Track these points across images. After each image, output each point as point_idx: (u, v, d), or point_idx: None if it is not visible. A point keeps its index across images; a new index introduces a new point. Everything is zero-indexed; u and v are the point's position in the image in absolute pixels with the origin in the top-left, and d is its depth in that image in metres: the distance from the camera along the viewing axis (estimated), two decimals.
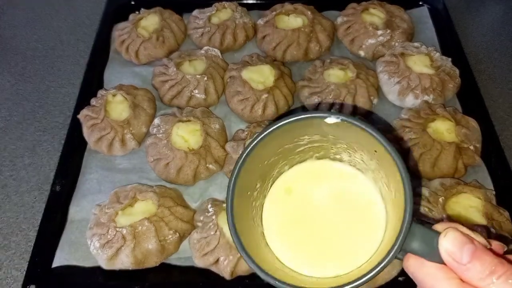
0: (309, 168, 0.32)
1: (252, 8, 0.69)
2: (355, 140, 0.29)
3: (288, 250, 0.28)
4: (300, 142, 0.30)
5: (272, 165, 0.30)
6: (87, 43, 0.71)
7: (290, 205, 0.30)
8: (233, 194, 0.27)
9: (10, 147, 0.59)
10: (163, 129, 0.52)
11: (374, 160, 0.28)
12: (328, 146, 0.31)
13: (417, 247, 0.23)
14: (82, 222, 0.47)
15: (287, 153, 0.30)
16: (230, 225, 0.26)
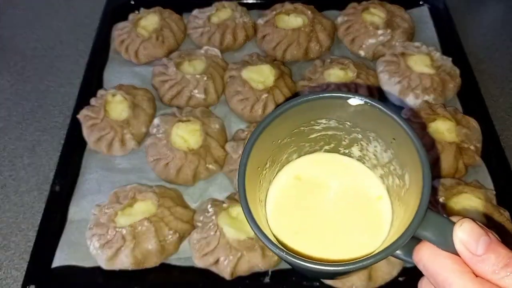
0: (318, 159, 0.32)
1: (252, 7, 0.68)
2: (373, 128, 0.28)
3: (290, 236, 0.28)
4: (315, 126, 0.29)
5: (283, 147, 0.30)
6: (86, 43, 0.71)
7: (298, 192, 0.30)
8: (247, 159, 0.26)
9: (10, 147, 0.59)
10: (163, 129, 0.51)
11: (389, 151, 0.28)
12: (342, 136, 0.30)
13: (431, 234, 0.23)
14: (81, 222, 0.47)
15: (300, 137, 0.30)
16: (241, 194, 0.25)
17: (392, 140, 0.27)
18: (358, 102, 0.27)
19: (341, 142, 0.31)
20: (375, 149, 0.30)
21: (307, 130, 0.30)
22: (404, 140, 0.26)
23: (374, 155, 0.30)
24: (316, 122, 0.29)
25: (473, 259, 0.22)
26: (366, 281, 0.41)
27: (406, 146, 0.25)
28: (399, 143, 0.27)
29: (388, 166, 0.29)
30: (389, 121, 0.26)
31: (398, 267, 0.42)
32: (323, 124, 0.29)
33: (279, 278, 0.44)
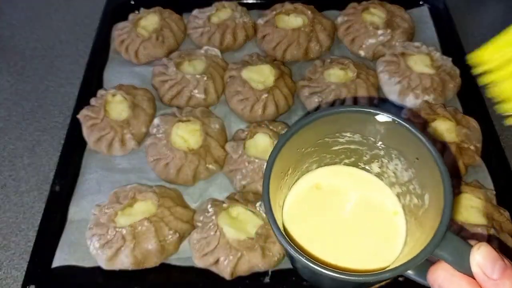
0: (337, 170, 0.32)
1: (252, 7, 0.68)
2: (397, 146, 0.28)
3: (304, 242, 0.28)
4: (340, 138, 0.30)
5: (306, 156, 0.30)
6: (86, 43, 0.71)
7: (315, 200, 0.31)
8: (273, 163, 0.26)
9: (10, 147, 0.59)
10: (163, 129, 0.51)
11: (410, 170, 0.28)
12: (363, 151, 0.31)
13: (448, 255, 0.23)
14: (81, 222, 0.47)
15: (323, 148, 0.30)
16: (265, 198, 0.25)
17: (415, 159, 0.27)
18: (386, 119, 0.27)
19: (362, 157, 0.31)
20: (396, 167, 0.30)
21: (331, 141, 0.30)
22: (427, 161, 0.26)
23: (393, 173, 0.30)
24: (341, 135, 0.30)
25: (488, 283, 0.22)
26: None
27: (429, 167, 0.26)
28: (422, 163, 0.27)
29: (407, 185, 0.29)
30: (414, 141, 0.26)
31: None
32: (347, 137, 0.30)
33: (279, 278, 0.44)
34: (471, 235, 0.42)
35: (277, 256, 0.43)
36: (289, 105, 0.57)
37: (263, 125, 0.52)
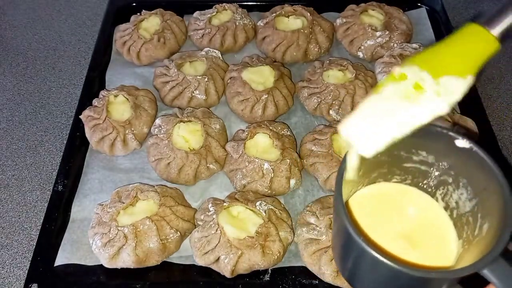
0: (401, 187, 0.32)
1: (252, 9, 0.69)
2: (467, 174, 0.28)
3: None
4: (414, 156, 0.30)
5: (377, 165, 0.30)
6: (88, 44, 0.72)
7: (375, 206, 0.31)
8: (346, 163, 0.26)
9: (13, 147, 0.60)
10: (164, 130, 0.52)
11: (475, 200, 0.28)
12: (432, 175, 0.30)
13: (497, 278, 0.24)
14: (84, 222, 0.48)
15: (395, 161, 0.30)
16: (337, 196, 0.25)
17: (482, 189, 0.28)
18: (464, 145, 0.27)
19: (429, 181, 0.31)
20: (460, 196, 0.30)
21: (405, 157, 0.30)
22: (494, 191, 0.26)
23: (456, 202, 0.30)
24: (417, 152, 0.29)
25: None
26: None
27: (495, 197, 0.26)
28: (489, 193, 0.27)
29: (467, 215, 0.29)
30: (486, 170, 0.26)
31: None
32: (421, 157, 0.30)
33: (279, 276, 0.44)
34: None
35: (276, 254, 0.44)
36: (289, 105, 0.58)
37: (263, 126, 0.52)
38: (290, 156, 0.50)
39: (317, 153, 0.51)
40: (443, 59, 0.24)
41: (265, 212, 0.45)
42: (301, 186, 0.51)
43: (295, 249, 0.46)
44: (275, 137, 0.51)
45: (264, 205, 0.45)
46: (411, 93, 0.23)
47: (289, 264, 0.45)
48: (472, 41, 0.23)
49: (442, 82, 0.23)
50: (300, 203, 0.50)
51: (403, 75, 0.24)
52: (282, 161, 0.49)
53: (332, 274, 0.42)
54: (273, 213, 0.45)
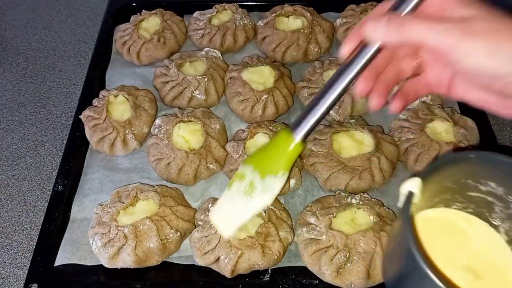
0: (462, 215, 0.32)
1: (252, 9, 0.69)
2: None
3: None
4: (481, 186, 0.30)
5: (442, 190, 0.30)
6: (88, 44, 0.72)
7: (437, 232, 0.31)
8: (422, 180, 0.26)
9: (13, 147, 0.60)
10: (164, 130, 0.52)
11: None
12: (499, 208, 0.30)
13: None
14: (84, 222, 0.48)
15: (461, 189, 0.30)
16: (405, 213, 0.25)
17: None
18: None
19: (493, 213, 0.31)
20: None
21: (472, 185, 0.30)
22: None
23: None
24: (485, 183, 0.29)
25: None
26: (365, 280, 0.42)
27: None
28: None
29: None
30: None
31: None
32: (490, 188, 0.29)
33: (279, 276, 0.44)
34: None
35: (276, 254, 0.44)
36: (289, 105, 0.58)
37: (263, 126, 0.52)
38: None
39: (317, 153, 0.51)
40: (266, 161, 0.31)
41: (265, 212, 0.45)
42: (301, 186, 0.51)
43: (295, 249, 0.46)
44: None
45: None
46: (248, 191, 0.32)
47: (289, 264, 0.45)
48: (284, 146, 0.30)
49: (266, 180, 0.31)
50: (300, 203, 0.50)
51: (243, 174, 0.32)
52: None
53: (332, 274, 0.42)
54: (273, 213, 0.46)
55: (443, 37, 0.25)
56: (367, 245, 0.42)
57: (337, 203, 0.46)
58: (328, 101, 0.28)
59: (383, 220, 0.44)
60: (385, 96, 0.30)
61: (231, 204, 0.33)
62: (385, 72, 0.30)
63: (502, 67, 0.25)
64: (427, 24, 0.25)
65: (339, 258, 0.42)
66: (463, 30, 0.25)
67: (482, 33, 0.25)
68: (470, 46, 0.25)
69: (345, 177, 0.49)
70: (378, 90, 0.30)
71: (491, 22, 0.25)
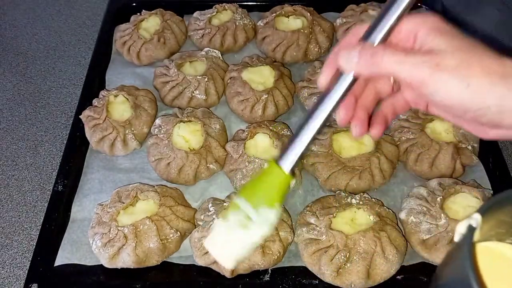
0: None
1: (252, 9, 0.69)
2: None
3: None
4: None
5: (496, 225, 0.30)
6: (88, 44, 0.72)
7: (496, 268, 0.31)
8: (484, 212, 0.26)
9: (13, 147, 0.60)
10: (164, 130, 0.52)
11: None
12: None
13: None
14: (84, 222, 0.48)
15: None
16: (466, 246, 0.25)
17: None
18: None
19: None
20: None
21: None
22: None
23: None
24: None
25: None
26: (365, 280, 0.42)
27: None
28: None
29: None
30: None
31: (396, 266, 0.43)
32: None
33: (279, 276, 0.44)
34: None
35: (276, 254, 0.44)
36: (289, 105, 0.58)
37: (263, 126, 0.52)
38: None
39: (317, 153, 0.51)
40: (258, 193, 0.32)
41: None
42: (301, 186, 0.51)
43: (295, 249, 0.46)
44: (275, 137, 0.51)
45: None
46: (244, 223, 0.33)
47: (289, 264, 0.45)
48: (273, 179, 0.31)
49: (260, 212, 0.32)
50: (300, 203, 0.50)
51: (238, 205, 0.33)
52: None
53: (332, 274, 0.42)
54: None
55: (413, 71, 0.25)
56: (367, 245, 0.42)
57: (337, 203, 0.46)
58: (311, 132, 0.29)
59: (383, 220, 0.44)
60: (366, 122, 0.31)
61: (229, 235, 0.33)
62: (364, 95, 0.31)
63: (472, 101, 0.25)
64: (397, 57, 0.26)
65: (339, 258, 0.42)
66: (434, 65, 0.25)
67: (452, 69, 0.25)
68: (441, 81, 0.25)
69: (345, 177, 0.49)
70: (358, 118, 0.30)
71: (461, 56, 0.25)
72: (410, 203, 0.47)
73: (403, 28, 0.27)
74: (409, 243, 0.45)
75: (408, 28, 0.27)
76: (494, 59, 0.25)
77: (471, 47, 0.26)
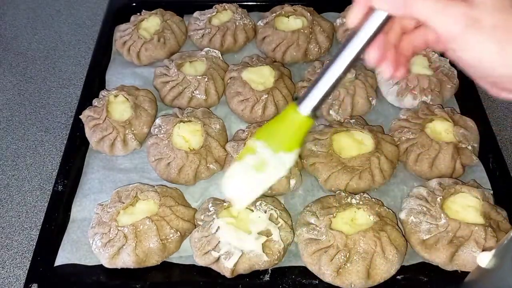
0: None
1: (252, 9, 0.69)
2: None
3: None
4: None
5: None
6: (88, 44, 0.72)
7: None
8: None
9: (12, 147, 0.60)
10: (164, 130, 0.52)
11: None
12: None
13: None
14: (84, 222, 0.48)
15: None
16: None
17: None
18: None
19: None
20: None
21: None
22: None
23: None
24: None
25: None
26: (365, 280, 0.42)
27: None
28: None
29: None
30: None
31: (396, 266, 0.43)
32: None
33: (279, 276, 0.44)
34: (468, 236, 0.43)
35: (277, 254, 0.44)
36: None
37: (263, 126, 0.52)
38: None
39: (317, 153, 0.51)
40: (277, 137, 0.32)
41: (265, 212, 0.45)
42: (301, 186, 0.51)
43: (295, 249, 0.46)
44: None
45: (264, 205, 0.45)
46: (260, 165, 0.32)
47: (289, 264, 0.45)
48: (292, 123, 0.30)
49: (278, 156, 0.32)
50: (300, 203, 0.50)
51: (254, 149, 0.32)
52: None
53: (332, 274, 0.42)
54: (274, 213, 0.45)
55: (448, 24, 0.24)
56: (367, 245, 0.42)
57: (337, 203, 0.46)
58: (336, 72, 0.27)
59: (383, 220, 0.44)
60: (396, 62, 0.28)
61: (244, 177, 0.33)
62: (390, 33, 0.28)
63: (502, 67, 0.24)
64: (434, 5, 0.24)
65: (339, 258, 0.42)
66: (471, 21, 0.23)
67: (490, 29, 0.23)
68: (474, 40, 0.23)
69: (345, 177, 0.48)
70: (388, 58, 0.28)
71: (502, 17, 0.23)
72: (410, 203, 0.47)
73: None
74: (409, 243, 0.45)
75: None
76: None
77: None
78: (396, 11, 0.25)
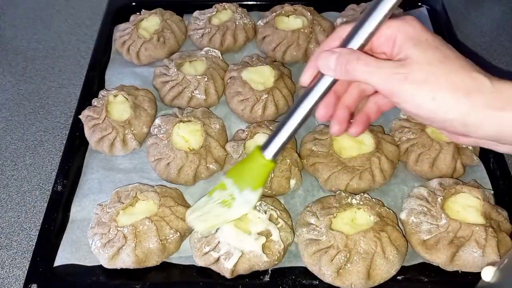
0: None
1: (252, 9, 0.69)
2: None
3: None
4: None
5: None
6: (87, 44, 0.72)
7: None
8: None
9: (12, 147, 0.60)
10: (164, 130, 0.52)
11: None
12: None
13: None
14: (83, 222, 0.48)
15: None
16: None
17: None
18: None
19: None
20: None
21: None
22: None
23: None
24: None
25: None
26: (365, 280, 0.42)
27: None
28: None
29: None
30: None
31: (396, 266, 0.43)
32: None
33: (279, 276, 0.44)
34: (468, 236, 0.43)
35: (277, 254, 0.43)
36: (289, 105, 0.57)
37: (263, 125, 0.52)
38: (290, 156, 0.50)
39: (317, 153, 0.51)
40: (244, 177, 0.36)
41: (265, 213, 0.45)
42: (301, 186, 0.51)
43: (295, 249, 0.46)
44: None
45: (264, 206, 0.45)
46: (228, 201, 0.37)
47: (289, 265, 0.45)
48: (257, 165, 0.35)
49: (244, 193, 0.37)
50: (300, 203, 0.50)
51: (224, 185, 0.38)
52: (282, 161, 0.49)
53: (332, 275, 0.42)
54: (274, 213, 0.45)
55: (383, 82, 0.27)
56: (368, 246, 0.42)
57: (337, 203, 0.46)
58: (293, 125, 0.32)
59: (384, 221, 0.44)
60: (345, 120, 0.32)
61: (210, 209, 0.38)
62: (347, 94, 0.32)
63: (437, 114, 0.27)
64: (370, 67, 0.28)
65: (339, 259, 0.42)
66: (402, 78, 0.27)
67: (420, 82, 0.26)
68: (408, 93, 0.27)
69: (346, 177, 0.48)
70: (337, 116, 0.32)
71: (431, 69, 0.26)
72: (410, 203, 0.46)
73: (383, 33, 0.29)
74: (410, 244, 0.45)
75: (387, 33, 0.29)
76: (463, 74, 0.27)
77: (444, 60, 0.27)
78: (339, 76, 0.29)
